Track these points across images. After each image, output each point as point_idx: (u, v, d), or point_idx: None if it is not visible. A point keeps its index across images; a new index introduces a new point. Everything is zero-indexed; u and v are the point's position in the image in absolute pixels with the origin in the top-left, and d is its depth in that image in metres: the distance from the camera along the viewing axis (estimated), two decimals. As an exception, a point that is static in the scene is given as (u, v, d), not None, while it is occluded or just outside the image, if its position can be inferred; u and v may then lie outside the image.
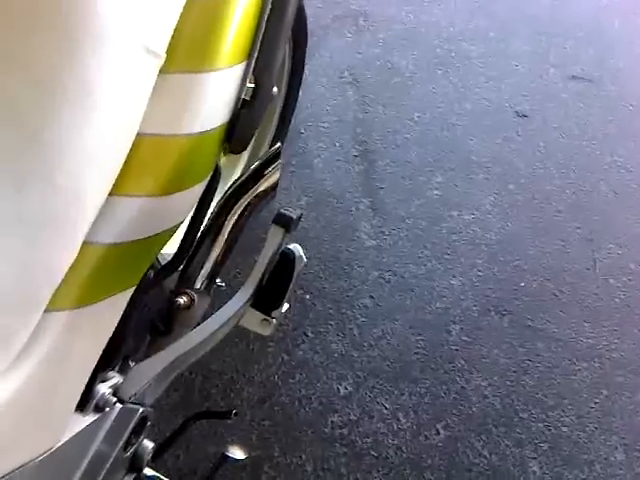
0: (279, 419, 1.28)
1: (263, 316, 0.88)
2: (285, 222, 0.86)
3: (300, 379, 1.33)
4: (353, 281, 1.48)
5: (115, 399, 0.67)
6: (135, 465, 0.80)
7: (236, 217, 0.84)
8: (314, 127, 1.70)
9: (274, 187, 0.84)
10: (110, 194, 0.54)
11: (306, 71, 1.42)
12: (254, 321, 0.89)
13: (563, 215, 1.67)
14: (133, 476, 0.82)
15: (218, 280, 0.84)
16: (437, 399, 1.33)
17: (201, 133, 0.59)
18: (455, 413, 1.32)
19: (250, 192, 0.84)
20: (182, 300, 0.78)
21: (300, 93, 1.45)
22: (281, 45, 0.68)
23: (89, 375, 0.61)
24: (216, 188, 0.68)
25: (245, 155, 1.38)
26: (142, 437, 0.79)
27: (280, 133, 1.39)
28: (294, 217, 0.86)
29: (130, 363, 0.75)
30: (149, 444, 0.81)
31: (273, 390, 1.31)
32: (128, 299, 0.61)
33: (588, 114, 1.91)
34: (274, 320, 0.88)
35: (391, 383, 1.34)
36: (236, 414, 0.90)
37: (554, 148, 1.80)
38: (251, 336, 1.36)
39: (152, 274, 0.66)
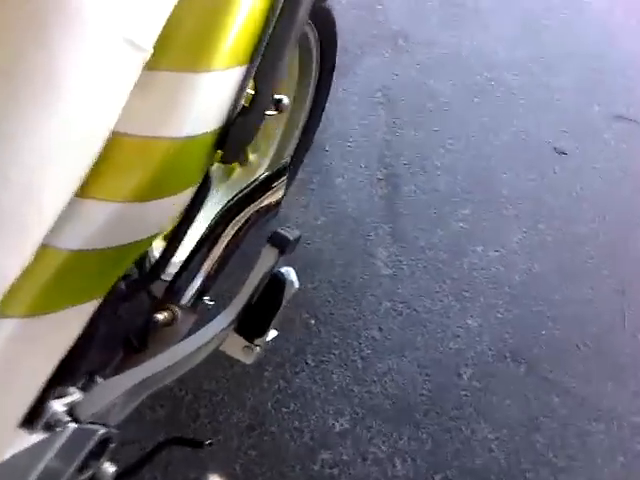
0: (267, 450, 1.20)
1: (246, 342, 0.81)
2: (280, 243, 0.79)
3: (294, 409, 1.25)
4: (363, 310, 1.40)
5: (69, 418, 0.60)
6: None
7: (234, 231, 0.78)
8: (340, 145, 1.63)
9: (277, 204, 0.78)
10: (80, 197, 0.49)
11: (339, 88, 1.37)
12: (236, 347, 0.82)
13: (594, 262, 1.57)
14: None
15: (206, 297, 0.77)
16: (439, 447, 1.24)
17: (189, 138, 0.54)
18: (456, 465, 1.22)
19: (252, 206, 0.78)
20: (162, 316, 0.72)
21: (328, 109, 1.39)
22: (287, 51, 0.62)
23: (38, 390, 0.56)
24: (204, 198, 0.63)
25: (261, 169, 1.33)
26: (103, 460, 0.73)
27: (302, 147, 1.33)
28: (291, 238, 0.79)
29: (97, 379, 0.68)
30: (111, 469, 0.74)
31: (264, 418, 1.23)
32: (92, 311, 0.55)
33: (631, 157, 1.80)
34: (257, 348, 0.81)
35: (391, 424, 1.26)
36: (210, 444, 0.83)
37: (591, 190, 1.70)
38: (248, 357, 1.29)
39: (124, 285, 0.60)
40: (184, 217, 0.64)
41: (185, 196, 0.59)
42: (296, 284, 0.82)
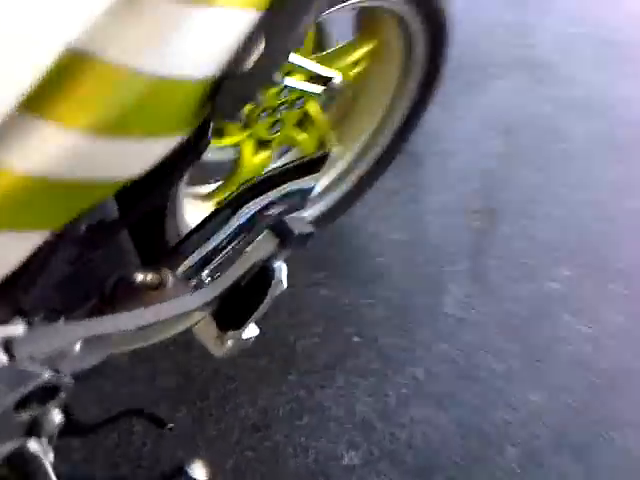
0: (264, 457, 1.10)
1: (218, 332, 0.72)
2: (282, 233, 0.69)
3: (307, 424, 1.14)
4: (415, 344, 1.26)
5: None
6: (33, 432, 0.68)
7: (254, 210, 0.70)
8: (441, 163, 1.50)
9: (305, 195, 0.69)
10: (32, 115, 0.44)
11: (459, 104, 1.24)
12: (209, 334, 0.73)
13: None
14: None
15: (205, 272, 0.69)
16: (450, 524, 1.07)
17: (170, 77, 0.47)
18: None
19: (278, 189, 0.70)
20: (143, 276, 0.65)
21: (438, 121, 1.27)
22: (314, 4, 0.52)
23: None
24: (195, 156, 0.55)
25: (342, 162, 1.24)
26: (49, 406, 0.67)
27: (390, 152, 1.23)
28: (295, 232, 0.69)
29: (61, 320, 0.63)
30: (57, 417, 0.69)
31: (273, 422, 1.14)
32: (38, 243, 0.49)
33: None
34: (229, 342, 0.72)
35: (406, 478, 1.11)
36: (170, 429, 0.76)
37: None
38: (276, 354, 1.20)
39: (84, 228, 0.54)
40: (164, 173, 0.57)
41: (160, 145, 0.52)
42: (284, 284, 0.72)
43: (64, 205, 0.49)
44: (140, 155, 0.50)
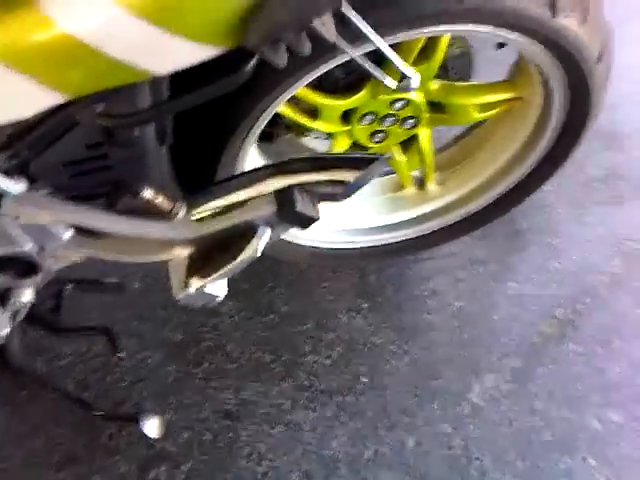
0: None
1: (186, 275, 0.72)
2: (284, 202, 0.68)
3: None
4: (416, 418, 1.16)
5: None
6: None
7: (282, 184, 0.70)
8: (544, 258, 1.37)
9: (340, 186, 0.68)
10: None
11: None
12: (178, 274, 0.73)
13: None
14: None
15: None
16: None
17: None
18: None
19: (315, 174, 0.69)
20: (151, 195, 0.67)
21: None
22: None
23: None
24: (229, 82, 0.58)
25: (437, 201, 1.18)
26: (24, 281, 0.71)
27: (496, 209, 1.19)
28: (296, 206, 0.68)
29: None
30: (27, 296, 0.73)
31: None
32: (51, 102, 0.54)
33: None
34: (191, 289, 0.72)
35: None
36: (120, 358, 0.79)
37: None
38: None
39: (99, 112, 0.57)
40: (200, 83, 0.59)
41: (191, 49, 0.52)
42: (259, 251, 0.70)
43: (87, 76, 0.53)
44: (170, 52, 0.52)
